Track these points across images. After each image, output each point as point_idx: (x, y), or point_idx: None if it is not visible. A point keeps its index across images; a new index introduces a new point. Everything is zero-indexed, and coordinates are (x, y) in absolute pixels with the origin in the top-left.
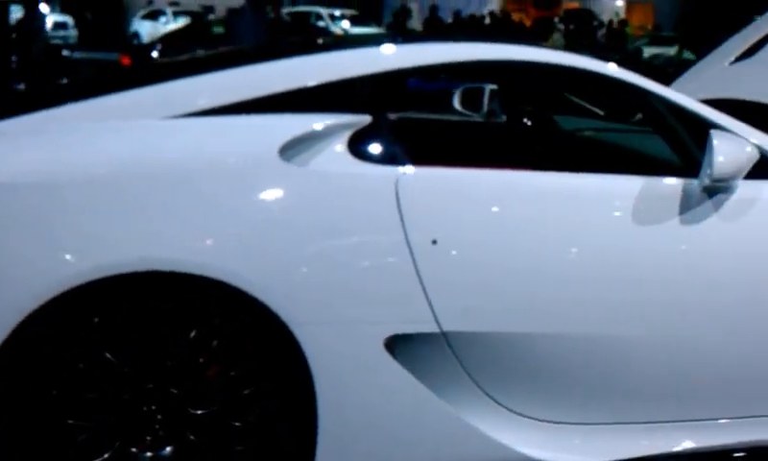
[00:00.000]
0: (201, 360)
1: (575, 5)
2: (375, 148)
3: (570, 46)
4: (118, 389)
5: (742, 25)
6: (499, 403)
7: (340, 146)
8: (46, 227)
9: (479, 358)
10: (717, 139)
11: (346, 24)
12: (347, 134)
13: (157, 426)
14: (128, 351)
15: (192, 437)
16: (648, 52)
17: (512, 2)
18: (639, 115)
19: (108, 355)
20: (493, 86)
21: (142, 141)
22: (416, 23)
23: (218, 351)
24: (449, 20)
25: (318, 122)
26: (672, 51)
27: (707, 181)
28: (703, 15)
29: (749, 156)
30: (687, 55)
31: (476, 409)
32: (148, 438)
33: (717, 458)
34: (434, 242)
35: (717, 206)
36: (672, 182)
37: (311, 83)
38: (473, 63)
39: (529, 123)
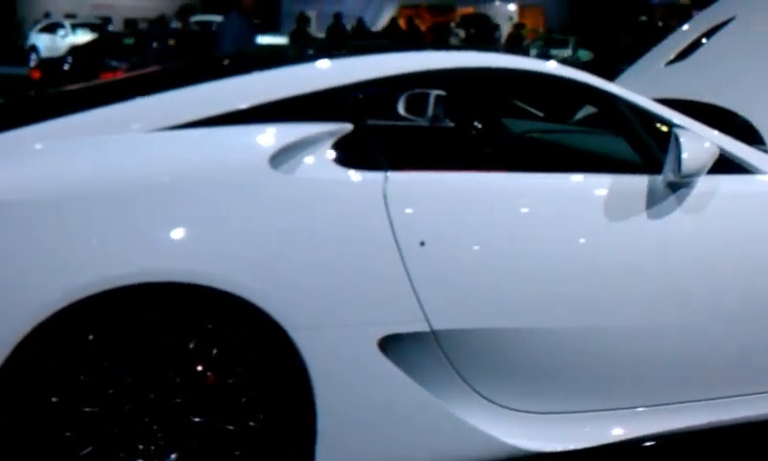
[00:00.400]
0: (200, 369)
1: (469, 10)
2: (358, 155)
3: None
4: (120, 401)
5: (630, 27)
6: (485, 397)
7: (324, 154)
8: (47, 242)
9: (466, 355)
10: (683, 137)
11: None
12: (330, 142)
13: (160, 436)
14: (129, 363)
15: (195, 444)
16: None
17: (407, 8)
18: (579, 115)
19: (110, 367)
20: (439, 92)
21: (134, 154)
22: (314, 30)
23: (218, 358)
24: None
25: (302, 131)
26: (567, 52)
27: (671, 177)
28: (594, 19)
29: (711, 152)
30: (582, 55)
31: (464, 404)
32: (152, 448)
33: (684, 440)
34: (422, 243)
35: (680, 201)
36: (638, 180)
37: (293, 93)
38: (452, 71)
39: (480, 126)
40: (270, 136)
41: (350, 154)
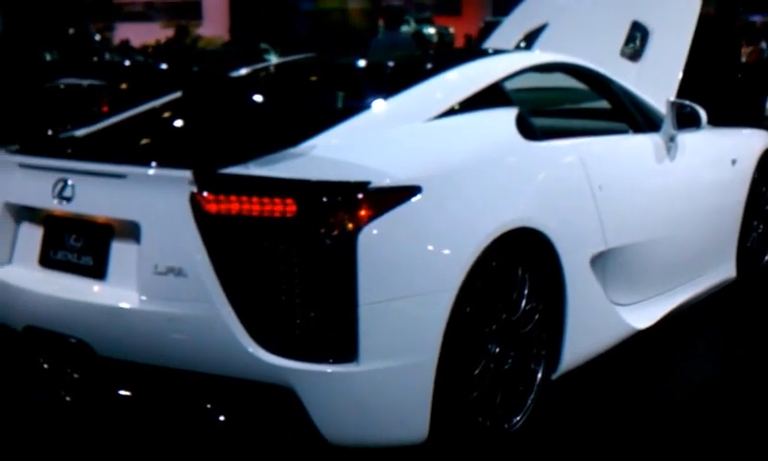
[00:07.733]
0: (524, 288)
1: None
2: (530, 128)
3: None
4: (488, 322)
5: None
6: (610, 298)
7: (522, 128)
8: (461, 205)
9: (607, 267)
10: (687, 104)
11: None
12: (516, 120)
13: (497, 347)
14: (498, 289)
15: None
16: None
17: None
18: None
19: (492, 295)
20: None
21: (453, 141)
22: None
23: (530, 282)
24: None
25: (512, 112)
26: None
27: (672, 132)
28: None
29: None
30: None
31: (609, 302)
32: (497, 351)
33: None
34: (600, 187)
35: (676, 147)
36: (654, 136)
37: (483, 85)
38: (543, 65)
39: None
40: (507, 119)
41: (534, 128)
